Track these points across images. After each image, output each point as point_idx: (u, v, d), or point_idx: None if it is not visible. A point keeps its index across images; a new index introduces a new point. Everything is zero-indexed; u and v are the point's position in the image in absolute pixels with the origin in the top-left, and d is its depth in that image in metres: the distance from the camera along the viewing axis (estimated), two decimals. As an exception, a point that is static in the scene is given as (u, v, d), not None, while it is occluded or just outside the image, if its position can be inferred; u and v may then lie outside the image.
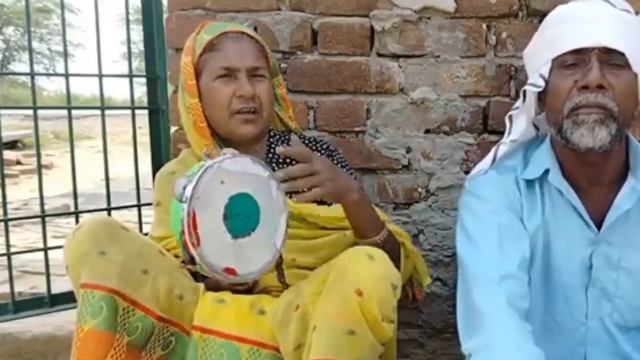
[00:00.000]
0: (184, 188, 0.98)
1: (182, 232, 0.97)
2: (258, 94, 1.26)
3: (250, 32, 1.32)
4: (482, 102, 1.59)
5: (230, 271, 1.01)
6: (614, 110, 1.01)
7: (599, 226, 1.10)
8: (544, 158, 1.12)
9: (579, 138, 1.02)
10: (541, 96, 1.12)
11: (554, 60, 1.07)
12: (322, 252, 1.26)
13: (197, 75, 1.28)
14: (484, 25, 1.56)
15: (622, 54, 1.01)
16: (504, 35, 1.56)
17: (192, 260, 0.99)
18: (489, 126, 1.58)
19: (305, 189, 1.09)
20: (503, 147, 1.17)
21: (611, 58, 1.02)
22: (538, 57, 1.11)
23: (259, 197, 1.04)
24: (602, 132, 1.01)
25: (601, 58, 1.01)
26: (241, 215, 1.02)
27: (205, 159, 1.03)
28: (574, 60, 1.04)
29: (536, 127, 1.20)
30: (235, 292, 1.21)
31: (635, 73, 1.03)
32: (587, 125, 1.01)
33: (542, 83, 1.09)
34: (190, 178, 0.99)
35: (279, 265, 1.20)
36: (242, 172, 1.03)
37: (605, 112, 1.01)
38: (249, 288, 1.22)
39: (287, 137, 1.38)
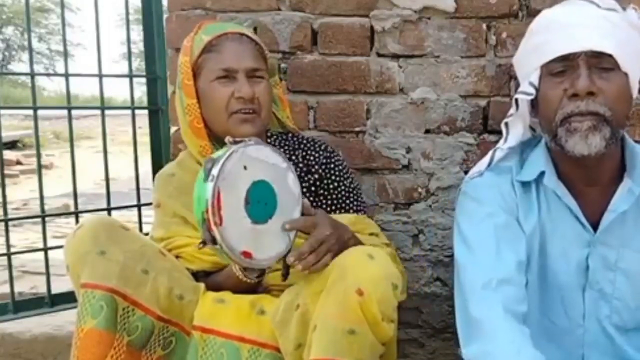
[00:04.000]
0: (210, 169, 1.00)
1: (206, 211, 0.99)
2: (257, 95, 1.26)
3: (250, 33, 1.32)
4: (482, 102, 1.58)
5: (246, 254, 1.02)
6: (607, 115, 1.01)
7: (594, 227, 1.09)
8: (539, 160, 1.12)
9: (573, 146, 1.02)
10: (534, 102, 1.11)
11: (542, 67, 1.06)
12: None
13: (195, 75, 1.28)
14: (484, 25, 1.56)
15: (610, 56, 0.99)
16: (504, 35, 1.56)
17: (212, 240, 1.00)
18: (489, 126, 1.58)
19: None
20: (499, 153, 1.16)
21: (599, 62, 1.00)
22: (526, 64, 1.11)
23: (277, 186, 1.07)
24: (595, 139, 1.01)
25: (589, 63, 1.00)
26: (261, 202, 1.05)
27: (228, 145, 1.05)
28: (562, 67, 1.03)
29: (532, 129, 1.20)
30: (236, 292, 1.21)
31: (625, 73, 1.02)
32: (580, 133, 1.01)
33: (532, 91, 1.08)
34: (216, 159, 1.01)
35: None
36: (263, 160, 1.06)
37: (598, 117, 1.01)
38: (253, 286, 1.22)
39: (284, 137, 1.38)
